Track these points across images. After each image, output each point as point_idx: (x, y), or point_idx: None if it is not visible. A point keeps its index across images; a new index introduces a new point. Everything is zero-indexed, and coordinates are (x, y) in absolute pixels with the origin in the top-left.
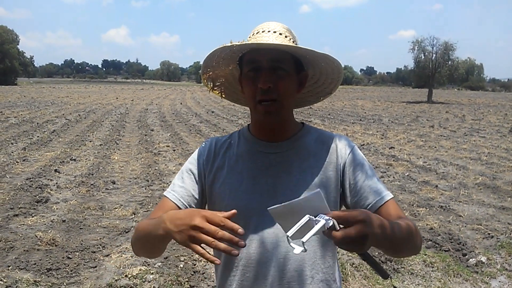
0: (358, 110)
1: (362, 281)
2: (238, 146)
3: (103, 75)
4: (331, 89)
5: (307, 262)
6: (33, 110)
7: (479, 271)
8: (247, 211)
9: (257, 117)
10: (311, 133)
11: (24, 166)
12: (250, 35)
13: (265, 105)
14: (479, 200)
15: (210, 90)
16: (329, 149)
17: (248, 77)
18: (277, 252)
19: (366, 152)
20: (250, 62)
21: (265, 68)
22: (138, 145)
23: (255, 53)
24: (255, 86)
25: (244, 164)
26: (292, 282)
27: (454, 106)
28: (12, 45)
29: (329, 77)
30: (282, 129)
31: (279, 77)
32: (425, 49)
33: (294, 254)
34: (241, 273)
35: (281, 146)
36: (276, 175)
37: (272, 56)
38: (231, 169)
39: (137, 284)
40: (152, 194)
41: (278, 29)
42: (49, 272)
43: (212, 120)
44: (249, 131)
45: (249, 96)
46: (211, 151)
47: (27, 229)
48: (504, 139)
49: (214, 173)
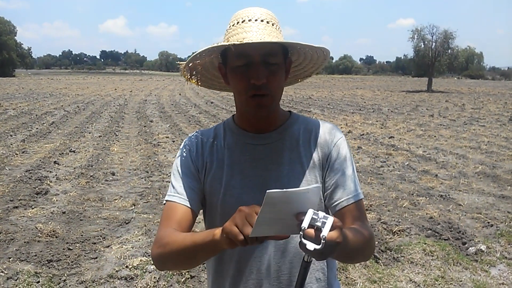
0: (357, 100)
1: (362, 270)
2: (224, 138)
3: (101, 66)
4: (311, 72)
5: (301, 254)
6: (32, 102)
7: (479, 260)
8: (238, 205)
9: (248, 110)
10: (299, 122)
11: (24, 158)
12: (233, 22)
13: (257, 99)
14: (479, 189)
15: (187, 80)
16: (317, 138)
17: (238, 71)
18: (272, 246)
19: (366, 142)
20: (241, 56)
21: (257, 63)
22: (138, 136)
23: (245, 46)
24: (247, 80)
25: (232, 157)
26: (287, 273)
27: (453, 95)
28: (9, 36)
29: (313, 62)
30: (269, 120)
31: (272, 72)
32: (425, 38)
33: (290, 247)
34: (235, 267)
35: (269, 137)
36: (265, 168)
37: (264, 50)
38: (219, 163)
39: (137, 274)
40: (152, 185)
41: (264, 17)
42: (49, 264)
43: (211, 111)
44: (234, 122)
45: (238, 89)
46: (199, 146)
47: (27, 221)
48: (504, 128)
49: (205, 167)
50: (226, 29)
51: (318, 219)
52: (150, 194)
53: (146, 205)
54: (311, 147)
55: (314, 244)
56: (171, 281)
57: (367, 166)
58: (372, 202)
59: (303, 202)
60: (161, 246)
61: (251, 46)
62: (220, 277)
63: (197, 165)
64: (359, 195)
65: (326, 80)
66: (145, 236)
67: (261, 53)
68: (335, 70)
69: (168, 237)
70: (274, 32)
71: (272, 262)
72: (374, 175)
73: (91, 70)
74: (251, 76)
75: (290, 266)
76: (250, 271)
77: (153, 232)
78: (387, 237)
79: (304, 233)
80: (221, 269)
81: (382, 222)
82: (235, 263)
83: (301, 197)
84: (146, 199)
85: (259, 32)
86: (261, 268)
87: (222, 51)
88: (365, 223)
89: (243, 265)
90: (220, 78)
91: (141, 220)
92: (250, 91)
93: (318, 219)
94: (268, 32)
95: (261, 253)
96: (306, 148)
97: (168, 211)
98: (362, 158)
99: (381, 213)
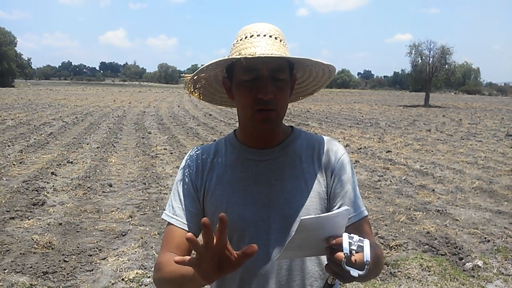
0: (355, 114)
1: (359, 285)
2: (225, 154)
3: (100, 78)
4: (313, 90)
5: (305, 271)
6: (30, 112)
7: (476, 275)
8: (241, 222)
9: (253, 124)
10: (301, 138)
11: (21, 169)
12: (241, 37)
13: (264, 114)
14: (476, 204)
15: (190, 93)
16: (320, 154)
17: (245, 86)
18: (276, 263)
19: (363, 156)
20: (250, 71)
21: (266, 78)
22: (135, 148)
23: (254, 61)
24: (254, 95)
25: (233, 174)
26: None
27: (451, 110)
28: (9, 47)
29: (317, 79)
30: (272, 136)
31: (279, 88)
32: (422, 53)
33: (294, 264)
34: (239, 285)
35: (271, 153)
36: (268, 183)
37: (272, 65)
38: (220, 180)
39: (134, 287)
40: (149, 197)
41: (272, 33)
42: (45, 276)
43: (210, 123)
44: (236, 138)
45: (244, 104)
46: (199, 163)
47: (24, 232)
48: (501, 143)
49: (204, 186)
50: (233, 43)
51: (354, 242)
52: (147, 206)
53: (143, 217)
54: (314, 163)
55: (358, 271)
56: None
57: (364, 180)
58: (369, 216)
59: (333, 225)
60: (158, 271)
61: (260, 61)
62: None
63: (196, 184)
64: (364, 212)
65: (324, 94)
66: (142, 248)
67: (270, 68)
68: (333, 84)
69: (164, 264)
70: (282, 48)
71: (276, 279)
72: (371, 189)
73: (91, 81)
74: (258, 91)
75: (295, 284)
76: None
77: (149, 244)
78: (384, 252)
79: (347, 259)
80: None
81: (379, 237)
82: (238, 281)
83: (332, 221)
84: (143, 211)
85: (267, 48)
86: (265, 286)
87: (228, 65)
88: (373, 240)
89: (246, 282)
90: (221, 93)
91: (138, 232)
92: (257, 105)
93: (353, 243)
94: (276, 47)
95: (265, 270)
96: (309, 164)
97: (167, 235)
98: (360, 172)
99: (378, 227)
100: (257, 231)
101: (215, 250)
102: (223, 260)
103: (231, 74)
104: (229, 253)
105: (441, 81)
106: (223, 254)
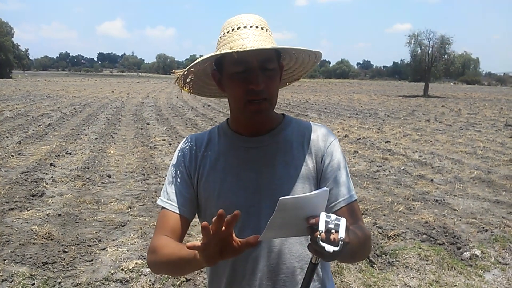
0: (354, 104)
1: (357, 274)
2: (219, 142)
3: (98, 68)
4: (299, 76)
5: (295, 254)
6: (28, 103)
7: (473, 265)
8: (233, 207)
9: (245, 115)
10: (292, 125)
11: (19, 160)
12: (228, 29)
13: (256, 104)
14: (474, 194)
15: (181, 88)
16: (310, 141)
17: (236, 78)
18: (266, 246)
19: (362, 146)
20: (240, 63)
21: (256, 69)
22: (134, 139)
23: (243, 53)
24: (245, 86)
25: (226, 161)
26: (281, 275)
27: (450, 100)
28: (6, 37)
29: (303, 65)
30: (264, 123)
31: (269, 78)
32: (422, 43)
33: (284, 248)
34: (231, 268)
35: (262, 140)
36: (259, 170)
37: (262, 56)
38: (213, 166)
39: (133, 277)
40: (148, 188)
41: (258, 23)
42: (45, 266)
43: (208, 114)
44: (228, 126)
45: (236, 95)
46: (192, 151)
47: (23, 223)
48: (500, 133)
49: (198, 172)
50: (220, 36)
51: (331, 221)
52: (146, 197)
53: (142, 208)
54: (304, 149)
55: (332, 247)
56: (166, 284)
57: (363, 170)
58: (367, 206)
59: (313, 206)
60: (153, 254)
61: (250, 53)
62: (216, 277)
63: (190, 170)
64: (353, 196)
65: (323, 84)
66: (141, 239)
67: (259, 59)
68: (332, 74)
69: (159, 247)
70: (269, 38)
71: (267, 262)
72: (370, 179)
73: (89, 72)
74: (250, 82)
75: (285, 266)
76: (245, 272)
77: (149, 235)
78: (382, 242)
79: (321, 236)
80: (216, 270)
81: (378, 227)
82: (231, 264)
83: (311, 202)
84: (142, 202)
85: (255, 39)
86: (256, 268)
87: (217, 58)
88: (361, 224)
89: (238, 265)
90: (210, 85)
91: (137, 223)
92: (249, 96)
93: (330, 222)
94: (263, 38)
95: (256, 253)
96: (300, 151)
97: (161, 219)
98: (358, 162)
99: (377, 217)
100: (248, 216)
101: (223, 236)
102: (227, 246)
103: (220, 67)
104: (233, 240)
105: (440, 71)
106: (228, 241)
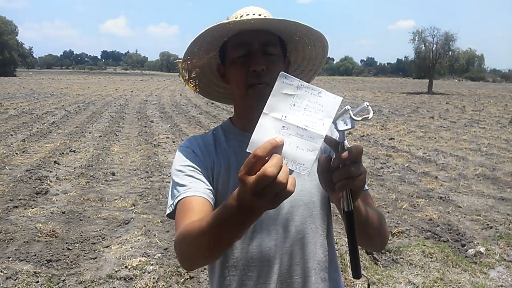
0: (358, 101)
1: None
2: (227, 142)
3: (102, 66)
4: (309, 78)
5: (309, 255)
6: (33, 101)
7: (478, 262)
8: None
9: (248, 102)
10: None
11: (24, 158)
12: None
13: (258, 88)
14: (479, 191)
15: (186, 82)
16: None
17: (237, 62)
18: (279, 249)
19: (366, 143)
20: (240, 45)
21: (257, 50)
22: (138, 137)
23: (244, 35)
24: (246, 69)
25: (237, 160)
26: (295, 276)
27: (454, 97)
28: (11, 36)
29: (310, 63)
30: None
31: (271, 61)
32: (426, 40)
33: (296, 249)
34: (242, 273)
35: None
36: None
37: (263, 38)
38: (226, 167)
39: (137, 275)
40: (152, 185)
41: (261, 12)
42: (49, 264)
43: (212, 112)
44: (233, 125)
45: (238, 81)
46: (202, 148)
47: (27, 220)
48: (504, 130)
49: (212, 169)
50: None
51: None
52: (150, 195)
53: (146, 205)
54: None
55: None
56: (170, 282)
57: (367, 167)
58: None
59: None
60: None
61: (250, 35)
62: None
63: (206, 165)
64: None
65: (327, 81)
66: (145, 236)
67: (261, 42)
68: (336, 71)
69: (188, 227)
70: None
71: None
72: (374, 176)
73: (92, 70)
74: (251, 64)
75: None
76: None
77: (152, 232)
78: None
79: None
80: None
81: None
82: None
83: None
84: (146, 199)
85: (255, 17)
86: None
87: (220, 49)
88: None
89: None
90: (217, 86)
91: (140, 220)
92: (250, 79)
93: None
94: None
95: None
96: None
97: (184, 208)
98: (363, 159)
99: None
100: (265, 216)
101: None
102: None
103: (223, 57)
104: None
105: (444, 68)
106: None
